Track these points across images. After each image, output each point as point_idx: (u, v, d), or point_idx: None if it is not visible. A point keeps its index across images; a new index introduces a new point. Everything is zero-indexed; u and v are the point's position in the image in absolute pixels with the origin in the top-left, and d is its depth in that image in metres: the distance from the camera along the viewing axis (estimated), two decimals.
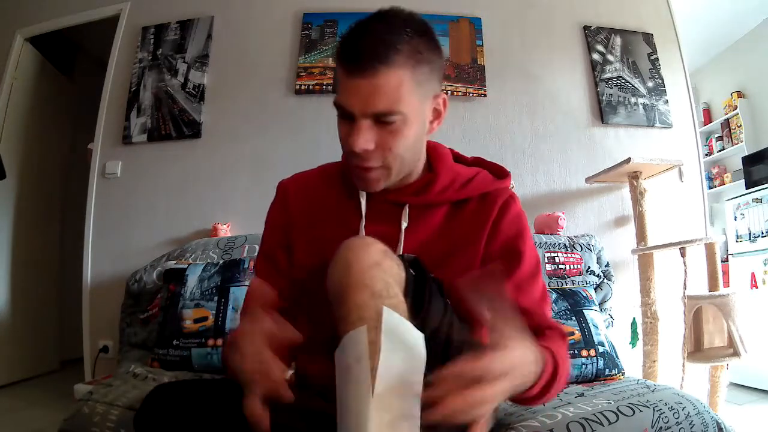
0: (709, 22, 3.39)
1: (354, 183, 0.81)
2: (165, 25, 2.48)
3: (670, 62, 2.46)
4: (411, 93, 0.72)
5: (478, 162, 0.91)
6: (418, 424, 0.54)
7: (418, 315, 0.61)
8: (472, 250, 0.81)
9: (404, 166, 0.79)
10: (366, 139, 0.72)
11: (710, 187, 3.86)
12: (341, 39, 0.73)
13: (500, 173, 0.87)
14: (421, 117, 0.76)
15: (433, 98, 0.78)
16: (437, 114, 0.81)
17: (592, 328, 1.36)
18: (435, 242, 0.81)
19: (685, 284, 1.68)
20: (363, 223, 0.83)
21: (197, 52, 2.42)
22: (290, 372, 0.65)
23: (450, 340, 0.66)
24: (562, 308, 1.43)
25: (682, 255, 1.71)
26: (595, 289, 1.66)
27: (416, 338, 0.58)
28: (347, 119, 0.74)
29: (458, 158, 0.91)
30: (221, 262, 1.62)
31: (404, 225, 0.81)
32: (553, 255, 1.67)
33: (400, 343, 0.56)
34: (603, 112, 2.35)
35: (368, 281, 0.58)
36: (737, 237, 2.72)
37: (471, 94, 2.33)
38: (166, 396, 0.71)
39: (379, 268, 0.60)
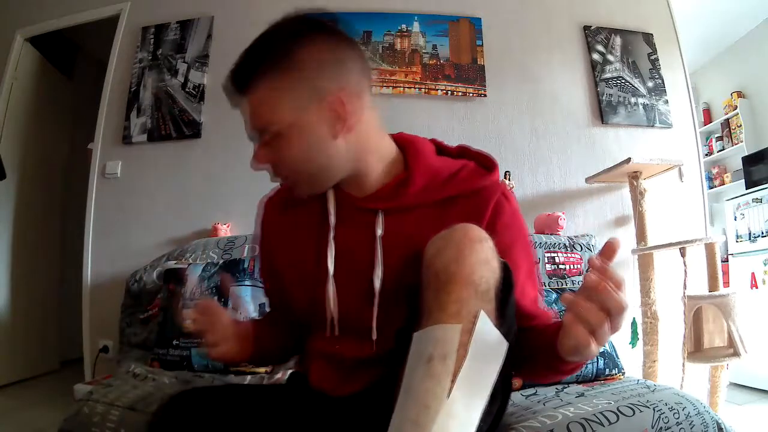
0: (709, 22, 3.39)
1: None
2: (165, 25, 2.48)
3: (670, 62, 2.46)
4: (278, 106, 0.72)
5: (463, 152, 0.84)
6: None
7: (499, 320, 0.59)
8: None
9: (308, 176, 0.76)
10: (258, 156, 0.76)
11: (710, 187, 3.86)
12: None
13: (487, 164, 0.80)
14: (307, 125, 0.72)
15: (320, 101, 0.72)
16: (336, 116, 0.73)
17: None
18: (419, 244, 0.68)
19: (685, 284, 1.68)
20: (332, 234, 0.78)
21: (197, 52, 2.42)
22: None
23: (511, 349, 0.64)
24: (562, 308, 1.43)
25: (682, 255, 1.71)
26: None
27: (500, 350, 0.57)
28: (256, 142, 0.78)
29: (443, 150, 0.85)
30: (221, 262, 1.62)
31: (379, 232, 0.75)
32: (553, 255, 1.67)
33: (486, 353, 0.56)
34: (603, 112, 2.35)
35: (477, 278, 0.57)
36: (737, 237, 2.72)
37: (471, 94, 2.33)
38: (181, 406, 0.71)
39: (488, 267, 0.59)
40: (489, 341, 0.56)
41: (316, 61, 0.73)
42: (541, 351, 0.67)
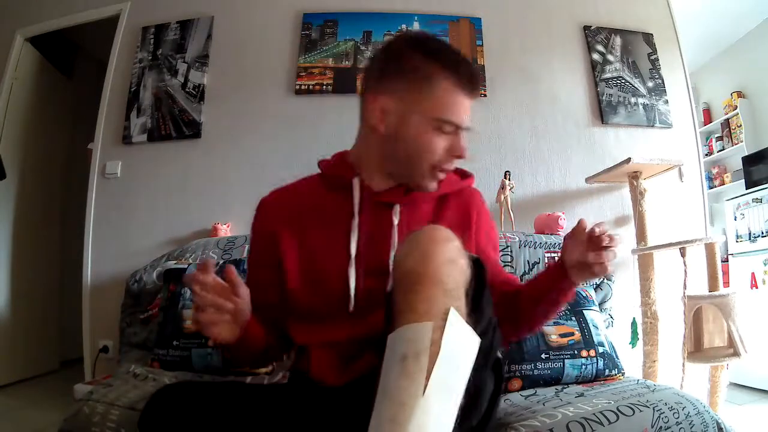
0: (709, 22, 3.39)
1: (424, 184, 0.87)
2: (165, 25, 2.48)
3: (670, 62, 2.46)
4: None
5: None
6: (451, 429, 0.56)
7: (471, 315, 0.62)
8: (464, 240, 0.88)
9: None
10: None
11: (710, 187, 3.86)
12: (452, 59, 0.82)
13: (463, 173, 0.97)
14: None
15: None
16: None
17: (592, 329, 1.36)
18: None
19: (685, 284, 1.68)
20: (356, 221, 0.87)
21: (197, 52, 2.42)
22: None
23: (492, 345, 0.69)
24: (562, 308, 1.43)
25: (682, 255, 1.71)
26: (595, 289, 1.66)
27: (473, 346, 0.60)
28: (445, 132, 0.82)
29: None
30: (221, 262, 1.61)
31: (396, 221, 0.86)
32: (553, 255, 1.66)
33: (458, 348, 0.58)
34: (603, 112, 2.35)
35: (444, 277, 0.60)
36: (737, 237, 2.72)
37: None
38: (171, 397, 0.72)
39: (454, 265, 0.62)
40: (461, 337, 0.58)
41: None
42: (544, 293, 0.85)
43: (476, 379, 0.63)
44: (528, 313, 0.87)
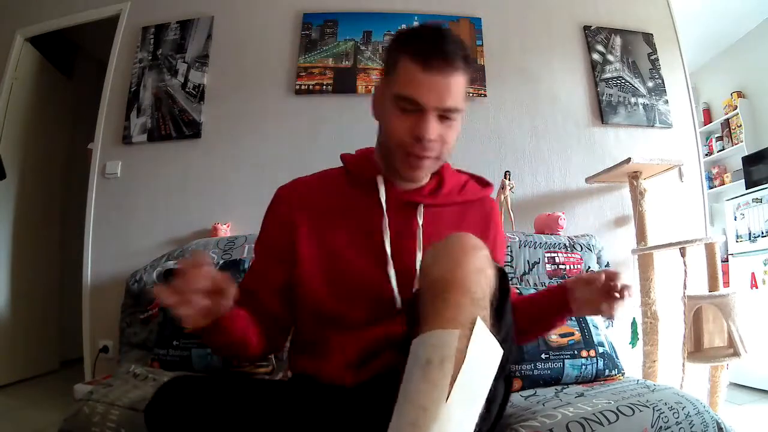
0: (709, 22, 3.39)
1: (402, 172, 0.85)
2: (165, 25, 2.48)
3: (670, 62, 2.46)
4: (464, 97, 0.82)
5: (462, 171, 1.02)
6: None
7: (495, 325, 0.62)
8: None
9: (443, 161, 0.88)
10: (434, 128, 0.79)
11: (710, 187, 3.86)
12: (413, 35, 0.80)
13: (484, 182, 1.00)
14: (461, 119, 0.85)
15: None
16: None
17: (592, 329, 1.36)
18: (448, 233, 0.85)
19: (685, 284, 1.68)
20: (386, 221, 0.86)
21: (197, 52, 2.42)
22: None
23: (509, 355, 0.68)
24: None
25: (682, 255, 1.71)
26: None
27: (496, 356, 0.60)
28: (409, 112, 0.79)
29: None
30: (221, 262, 1.62)
31: (420, 221, 0.87)
32: (553, 255, 1.66)
33: (482, 358, 0.58)
34: (603, 112, 2.35)
35: (472, 286, 0.60)
36: (737, 237, 2.72)
37: (471, 94, 2.33)
38: (178, 390, 0.72)
39: (483, 274, 0.62)
40: (485, 347, 0.58)
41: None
42: (542, 316, 0.90)
43: (492, 388, 0.63)
44: (521, 327, 0.86)
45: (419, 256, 0.85)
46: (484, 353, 0.58)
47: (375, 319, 0.82)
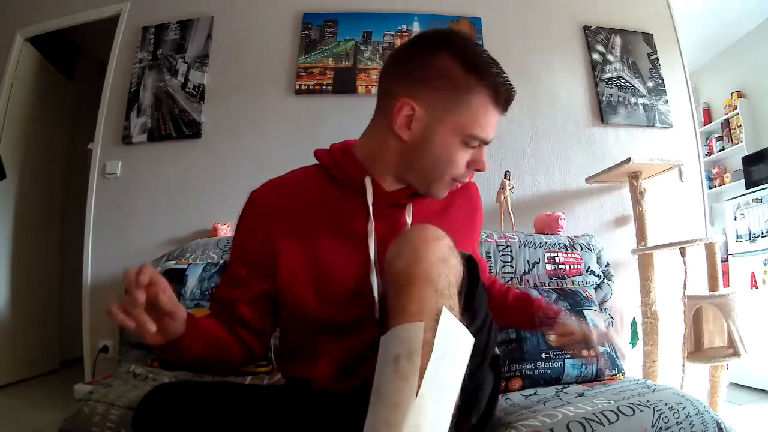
0: (709, 22, 3.39)
1: (437, 194, 0.84)
2: (165, 25, 2.48)
3: (670, 62, 2.46)
4: None
5: None
6: (447, 429, 0.55)
7: (465, 314, 0.62)
8: (470, 234, 0.95)
9: None
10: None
11: (710, 187, 3.86)
12: (494, 76, 0.79)
13: None
14: None
15: None
16: None
17: (592, 329, 1.36)
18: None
19: (685, 284, 1.68)
20: (371, 225, 0.81)
21: (197, 52, 2.42)
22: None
23: (488, 343, 0.69)
24: (563, 308, 1.43)
25: (682, 255, 1.71)
26: (595, 289, 1.66)
27: (467, 345, 0.59)
28: (471, 146, 0.80)
29: None
30: (221, 262, 1.61)
31: (409, 221, 0.84)
32: (553, 255, 1.66)
33: (451, 348, 0.57)
34: (603, 112, 2.35)
35: (435, 276, 0.59)
36: (737, 237, 2.71)
37: None
38: (166, 396, 0.71)
39: (446, 264, 0.61)
40: (454, 336, 0.58)
41: None
42: (514, 321, 0.98)
43: (475, 377, 0.62)
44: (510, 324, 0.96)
45: None
46: (453, 343, 0.57)
47: (365, 325, 0.79)
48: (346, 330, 0.80)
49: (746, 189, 2.90)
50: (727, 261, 2.77)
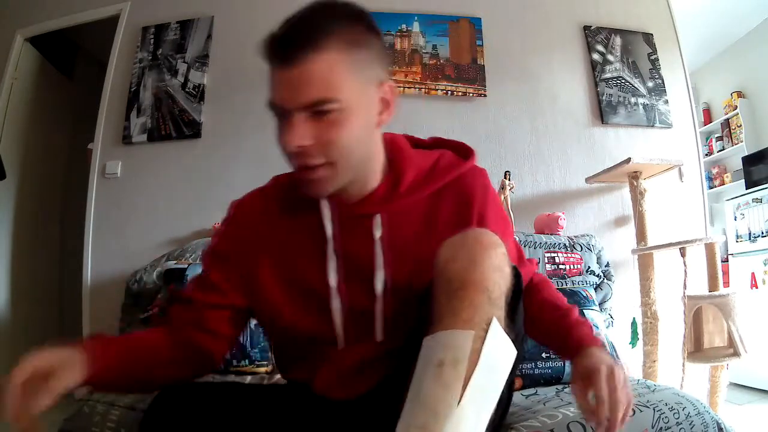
0: (709, 22, 3.39)
1: (301, 192, 0.72)
2: (165, 25, 2.48)
3: (670, 62, 2.46)
4: (349, 77, 0.65)
5: (437, 143, 0.85)
6: None
7: (508, 325, 0.60)
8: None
9: (354, 163, 0.70)
10: (300, 134, 0.65)
11: (710, 187, 3.86)
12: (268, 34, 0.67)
13: (464, 152, 0.82)
14: (366, 105, 0.69)
15: (378, 86, 0.71)
16: (386, 104, 0.72)
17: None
18: (421, 242, 0.75)
19: (685, 284, 1.69)
20: (331, 247, 0.75)
21: (197, 52, 2.42)
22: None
23: (519, 355, 0.66)
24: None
25: (682, 255, 1.71)
26: (595, 289, 1.66)
27: (510, 357, 0.58)
28: (278, 117, 0.69)
29: (417, 143, 0.85)
30: None
31: (377, 235, 0.74)
32: (553, 255, 1.66)
33: (497, 360, 0.56)
34: (603, 112, 2.35)
35: (490, 285, 0.57)
36: (737, 237, 2.72)
37: (471, 94, 2.33)
38: (173, 400, 0.70)
39: (501, 273, 0.59)
40: (500, 348, 0.57)
41: (378, 47, 0.72)
42: (547, 340, 0.80)
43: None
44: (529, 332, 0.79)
45: (380, 275, 0.74)
46: (499, 354, 0.57)
47: (346, 347, 0.76)
48: (339, 343, 0.77)
49: (746, 189, 2.90)
50: (727, 261, 2.78)
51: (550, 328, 0.78)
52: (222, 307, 0.78)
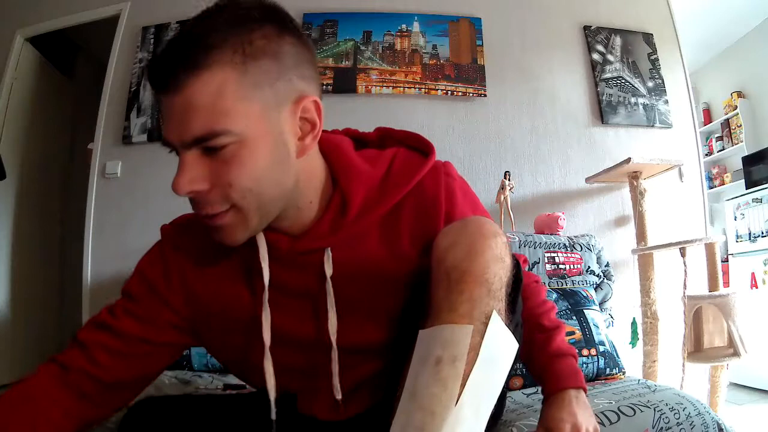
0: (709, 22, 3.39)
1: (215, 240, 0.61)
2: (165, 25, 2.48)
3: (670, 62, 2.46)
4: (244, 100, 0.54)
5: (385, 137, 0.73)
6: None
7: (509, 317, 0.58)
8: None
9: (266, 204, 0.59)
10: (190, 176, 0.57)
11: (710, 187, 3.86)
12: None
13: (422, 147, 0.70)
14: (274, 132, 0.56)
15: (294, 103, 0.58)
16: (309, 125, 0.59)
17: (593, 328, 1.36)
18: (381, 266, 0.65)
19: (685, 284, 1.69)
20: (266, 297, 0.64)
21: None
22: None
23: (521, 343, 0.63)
24: (563, 308, 1.43)
25: (682, 255, 1.71)
26: (595, 289, 1.66)
27: (511, 351, 0.56)
28: (178, 155, 0.58)
29: (362, 139, 0.74)
30: None
31: (329, 273, 0.63)
32: (553, 255, 1.66)
33: (497, 355, 0.54)
34: (603, 112, 2.35)
35: (490, 277, 0.54)
36: (737, 237, 2.72)
37: (471, 94, 2.33)
38: (148, 412, 0.68)
39: (501, 264, 0.55)
40: (500, 342, 0.54)
41: (294, 53, 0.57)
42: (524, 359, 0.75)
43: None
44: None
45: (333, 320, 0.64)
46: (499, 349, 0.54)
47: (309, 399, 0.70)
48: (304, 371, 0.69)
49: (746, 189, 2.91)
50: (727, 261, 2.78)
51: (531, 350, 0.72)
52: (147, 344, 0.75)
